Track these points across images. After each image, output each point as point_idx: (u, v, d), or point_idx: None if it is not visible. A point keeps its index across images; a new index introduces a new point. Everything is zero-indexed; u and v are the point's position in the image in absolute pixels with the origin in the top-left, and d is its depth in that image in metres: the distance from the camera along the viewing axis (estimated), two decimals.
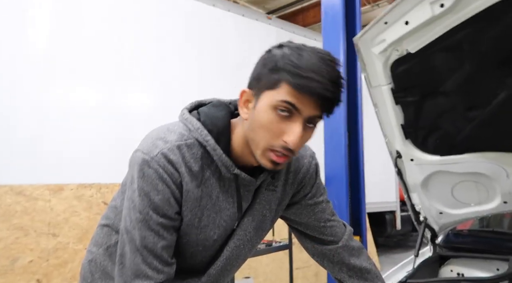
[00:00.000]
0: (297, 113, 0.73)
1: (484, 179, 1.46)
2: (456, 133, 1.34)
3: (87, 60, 3.37)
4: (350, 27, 2.73)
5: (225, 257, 0.90)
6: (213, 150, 0.80)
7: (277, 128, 0.74)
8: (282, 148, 0.75)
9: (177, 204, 0.81)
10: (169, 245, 0.82)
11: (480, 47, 1.11)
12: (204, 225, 0.84)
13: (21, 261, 2.86)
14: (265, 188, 0.90)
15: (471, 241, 1.92)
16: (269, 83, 0.74)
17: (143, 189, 0.78)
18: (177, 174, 0.78)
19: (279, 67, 0.73)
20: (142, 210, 0.79)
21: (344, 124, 2.60)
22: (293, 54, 0.73)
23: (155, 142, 0.79)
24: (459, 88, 1.22)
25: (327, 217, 1.01)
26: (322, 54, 0.74)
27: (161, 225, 0.79)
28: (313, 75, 0.71)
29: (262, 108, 0.75)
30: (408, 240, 7.94)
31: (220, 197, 0.84)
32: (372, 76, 1.34)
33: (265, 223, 0.93)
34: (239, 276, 3.22)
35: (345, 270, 1.03)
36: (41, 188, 3.01)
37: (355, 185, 2.82)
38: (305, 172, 0.97)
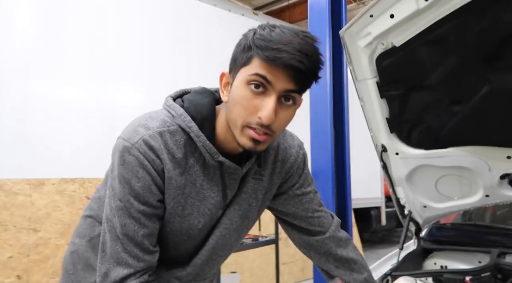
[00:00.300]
0: (270, 87, 0.72)
1: (467, 173, 1.48)
2: (440, 127, 1.35)
3: (73, 56, 3.31)
4: (336, 24, 2.73)
5: (211, 246, 0.89)
6: (196, 137, 0.79)
7: (252, 104, 0.73)
8: (259, 125, 0.73)
9: (159, 192, 0.79)
10: (150, 233, 0.80)
11: (464, 41, 1.12)
12: (188, 213, 0.83)
13: (0, 257, 2.79)
14: (251, 177, 0.89)
15: (454, 235, 1.95)
16: (242, 61, 0.74)
17: (124, 176, 0.76)
18: (158, 161, 0.77)
19: (250, 44, 0.73)
20: (123, 198, 0.77)
21: (330, 119, 2.61)
22: (266, 30, 0.73)
23: (137, 129, 0.78)
24: (443, 82, 1.23)
25: (314, 208, 1.01)
26: (296, 30, 0.73)
27: (142, 213, 0.78)
28: (283, 47, 0.70)
29: (237, 85, 0.74)
30: (393, 235, 8.05)
31: (204, 185, 0.83)
32: (358, 69, 1.33)
33: (251, 212, 0.92)
34: (225, 271, 3.21)
35: (331, 261, 1.03)
36: (21, 183, 2.94)
37: (341, 181, 2.83)
38: (293, 162, 0.96)
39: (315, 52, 0.73)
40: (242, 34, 0.78)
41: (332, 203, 2.61)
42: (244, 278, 4.00)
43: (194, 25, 4.09)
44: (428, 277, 1.49)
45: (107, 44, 3.50)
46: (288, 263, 4.51)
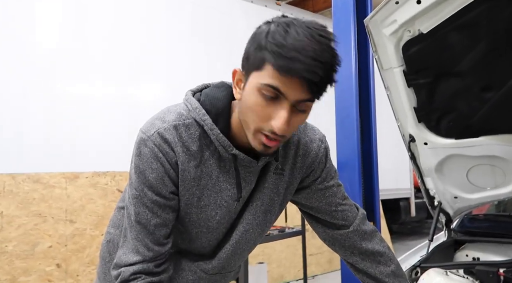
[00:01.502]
0: (283, 97, 0.70)
1: (500, 162, 1.43)
2: (471, 115, 1.31)
3: (101, 53, 3.41)
4: (361, 11, 2.67)
5: (235, 241, 0.91)
6: (210, 130, 0.80)
7: (264, 112, 0.71)
8: (271, 132, 0.72)
9: (172, 183, 0.81)
10: (162, 224, 0.82)
11: (495, 25, 1.07)
12: (205, 205, 0.84)
13: (41, 246, 2.95)
14: (273, 172, 0.90)
15: (487, 226, 1.89)
16: (254, 63, 0.71)
17: (139, 167, 0.80)
18: (172, 154, 0.79)
19: (263, 46, 0.69)
20: (138, 187, 0.81)
21: (356, 108, 2.57)
22: (279, 30, 0.68)
23: (154, 122, 0.80)
24: (473, 69, 1.19)
25: (338, 201, 1.00)
26: (312, 30, 0.68)
27: (155, 203, 0.81)
28: (297, 55, 0.65)
29: (249, 90, 0.72)
30: (423, 227, 7.88)
31: (220, 178, 0.84)
32: (384, 58, 1.31)
33: (273, 206, 0.93)
34: (252, 262, 3.26)
35: (357, 254, 1.02)
36: (57, 176, 3.09)
37: (368, 172, 2.80)
38: (314, 157, 0.95)
39: (331, 56, 0.69)
40: (257, 27, 0.75)
41: (359, 194, 2.59)
42: (271, 269, 4.04)
43: (216, 17, 4.10)
44: (460, 269, 1.46)
45: (129, 41, 3.57)
46: (315, 254, 4.51)
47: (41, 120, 3.11)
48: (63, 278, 3.00)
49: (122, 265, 0.82)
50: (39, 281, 2.91)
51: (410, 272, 1.50)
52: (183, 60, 3.81)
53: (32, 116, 3.08)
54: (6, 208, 2.89)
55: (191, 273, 0.93)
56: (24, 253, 2.89)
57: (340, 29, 2.66)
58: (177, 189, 0.82)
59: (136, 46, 3.60)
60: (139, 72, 3.61)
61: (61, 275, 2.99)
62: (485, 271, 1.35)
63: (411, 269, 1.51)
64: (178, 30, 3.87)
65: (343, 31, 2.63)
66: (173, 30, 3.83)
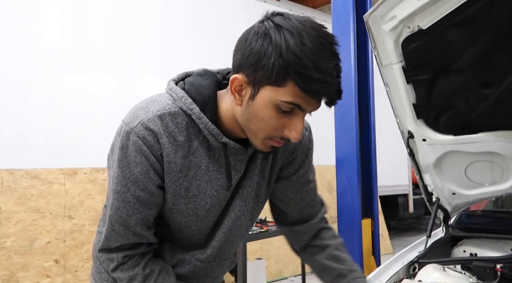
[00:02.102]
0: (300, 110, 0.73)
1: (498, 159, 1.43)
2: (470, 111, 1.31)
3: (100, 49, 3.39)
4: (360, 7, 2.67)
5: (227, 228, 0.91)
6: (198, 119, 0.78)
7: (278, 123, 0.73)
8: (282, 139, 0.76)
9: (158, 177, 0.80)
10: (143, 218, 0.82)
11: (496, 21, 1.07)
12: (193, 195, 0.83)
13: (39, 242, 2.96)
14: (260, 158, 0.90)
15: (485, 222, 1.90)
16: (271, 77, 0.69)
17: (123, 160, 0.78)
18: (157, 146, 0.77)
19: (285, 63, 0.67)
20: (120, 182, 0.79)
21: (355, 105, 2.57)
22: (297, 44, 0.67)
23: (137, 112, 0.78)
24: (473, 65, 1.19)
25: (311, 197, 1.02)
26: (323, 39, 0.70)
27: (138, 198, 0.80)
28: (323, 76, 0.68)
29: (263, 104, 0.72)
30: (421, 223, 7.91)
31: (210, 167, 0.83)
32: (383, 54, 1.30)
33: (260, 190, 0.93)
34: (251, 257, 3.27)
35: (310, 247, 1.04)
36: (55, 172, 3.09)
37: (367, 168, 2.81)
38: (297, 143, 0.95)
39: (340, 65, 0.73)
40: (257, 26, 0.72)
41: (358, 190, 2.60)
42: (269, 264, 4.06)
43: (216, 12, 4.09)
44: (457, 265, 1.46)
45: (129, 38, 3.56)
46: None
47: (40, 116, 3.10)
48: (62, 274, 3.00)
49: (106, 258, 0.86)
50: (37, 276, 2.92)
51: (408, 267, 1.51)
52: (184, 56, 3.80)
53: (31, 112, 3.08)
54: (5, 204, 2.89)
55: (186, 263, 0.93)
56: (23, 248, 2.90)
57: (340, 25, 2.65)
58: (162, 182, 0.81)
59: (136, 42, 3.59)
60: (139, 69, 3.60)
61: (59, 270, 3.00)
62: (483, 267, 1.36)
63: (409, 265, 1.51)
64: (179, 26, 3.86)
65: (343, 27, 2.63)
66: (174, 27, 3.82)
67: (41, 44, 3.17)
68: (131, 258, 0.85)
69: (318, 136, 4.46)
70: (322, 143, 4.57)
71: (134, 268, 0.85)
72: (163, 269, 0.88)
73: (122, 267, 0.85)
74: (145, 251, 0.87)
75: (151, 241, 0.87)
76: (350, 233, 2.57)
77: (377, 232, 2.78)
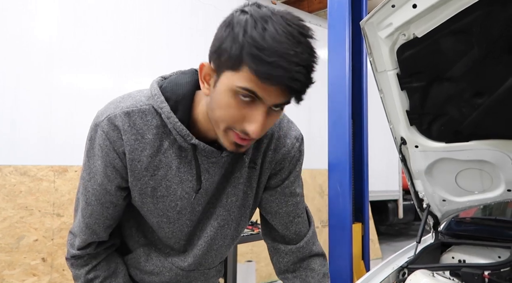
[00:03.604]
0: (260, 101, 0.66)
1: (488, 167, 1.46)
2: (462, 119, 1.33)
3: (94, 46, 3.36)
4: (356, 13, 2.69)
5: (209, 237, 0.89)
6: (167, 118, 0.75)
7: (238, 113, 0.67)
8: (243, 132, 0.69)
9: (117, 175, 0.79)
10: (99, 213, 0.83)
11: (489, 31, 1.09)
12: (162, 195, 0.81)
13: (26, 240, 2.91)
14: (248, 166, 0.87)
15: (474, 229, 1.92)
16: (229, 62, 0.65)
17: (90, 151, 0.80)
18: (120, 142, 0.76)
19: (240, 44, 0.63)
20: (86, 170, 0.81)
21: (348, 110, 2.59)
22: (257, 26, 0.62)
23: (108, 106, 0.79)
24: (466, 74, 1.20)
25: (297, 212, 0.95)
26: (292, 27, 0.63)
27: (95, 191, 0.81)
28: (278, 60, 0.60)
29: (222, 90, 0.67)
30: (410, 229, 7.97)
31: (181, 168, 0.80)
32: (378, 61, 1.32)
33: (247, 200, 0.91)
34: (241, 260, 3.26)
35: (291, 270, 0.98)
36: (45, 169, 3.05)
37: (359, 173, 2.82)
38: (286, 153, 0.89)
39: (311, 56, 0.64)
40: (230, 14, 0.68)
41: (349, 195, 2.61)
42: (260, 267, 4.05)
43: (212, 14, 4.09)
44: (446, 271, 1.48)
45: (127, 36, 3.54)
46: None
47: (31, 112, 3.06)
48: (48, 272, 2.96)
49: (68, 241, 0.88)
50: (23, 275, 2.87)
51: (398, 273, 1.52)
52: (181, 55, 3.79)
53: (23, 108, 3.04)
54: None
55: (166, 270, 0.91)
56: (9, 246, 2.85)
57: (335, 31, 2.67)
58: (125, 181, 0.80)
59: (133, 41, 3.57)
60: (134, 67, 3.57)
61: (46, 269, 2.95)
62: (471, 273, 1.37)
63: (398, 270, 1.52)
64: (177, 25, 3.85)
65: (338, 33, 2.65)
66: (172, 25, 3.81)
67: (34, 41, 3.14)
68: (80, 257, 0.86)
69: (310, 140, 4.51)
70: (315, 147, 4.60)
71: (80, 268, 0.87)
72: (109, 277, 0.88)
73: (73, 261, 0.87)
74: (94, 252, 0.86)
75: (102, 238, 0.86)
76: (341, 237, 2.58)
77: (367, 236, 2.79)
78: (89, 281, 0.86)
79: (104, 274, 0.88)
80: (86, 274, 0.86)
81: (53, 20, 3.24)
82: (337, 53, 2.65)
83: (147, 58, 3.61)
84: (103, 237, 0.86)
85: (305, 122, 4.49)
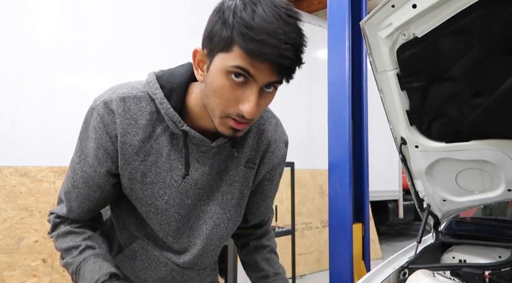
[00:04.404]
0: (252, 79, 0.68)
1: (489, 167, 1.45)
2: (462, 119, 1.33)
3: (94, 46, 3.37)
4: (356, 13, 2.69)
5: (206, 236, 0.90)
6: (160, 104, 0.78)
7: (232, 95, 0.69)
8: (239, 116, 0.71)
9: (107, 159, 0.80)
10: (85, 197, 0.84)
11: (489, 31, 1.09)
12: (151, 182, 0.82)
13: (27, 241, 2.91)
14: (244, 166, 0.89)
15: (474, 229, 1.92)
16: (221, 43, 0.67)
17: (83, 133, 0.82)
18: (113, 125, 0.78)
19: (230, 25, 0.66)
20: (77, 152, 0.83)
21: (348, 110, 2.59)
22: (246, 8, 0.65)
23: (105, 92, 0.81)
24: (466, 74, 1.20)
25: (270, 205, 1.04)
26: (279, 9, 0.66)
27: (84, 173, 0.82)
28: (268, 38, 0.63)
29: (215, 72, 0.69)
30: (410, 229, 7.98)
31: (171, 155, 0.82)
32: (378, 61, 1.31)
33: (243, 200, 0.93)
34: None
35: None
36: (45, 170, 3.05)
37: (359, 173, 2.82)
38: (281, 158, 0.96)
39: (301, 37, 0.67)
40: (221, 1, 0.71)
41: (349, 195, 2.61)
42: None
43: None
44: (446, 271, 1.48)
45: (127, 35, 3.54)
46: (304, 254, 4.53)
47: (31, 112, 3.07)
48: (49, 273, 2.96)
49: (53, 212, 0.89)
50: (24, 276, 2.87)
51: (398, 273, 1.52)
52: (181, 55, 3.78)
53: (23, 109, 3.04)
54: None
55: (162, 265, 0.91)
56: (9, 247, 2.85)
57: (335, 30, 2.67)
58: (115, 167, 0.81)
59: (134, 40, 3.57)
60: (135, 67, 3.58)
61: (46, 270, 2.95)
62: (471, 273, 1.37)
63: (399, 270, 1.52)
64: (177, 25, 3.86)
65: (338, 33, 2.65)
66: (172, 25, 3.82)
67: (34, 41, 3.14)
68: (65, 221, 0.87)
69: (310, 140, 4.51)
70: (315, 147, 4.61)
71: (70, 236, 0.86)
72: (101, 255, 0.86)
73: (58, 230, 0.87)
74: (78, 224, 0.88)
75: (86, 220, 0.88)
76: (341, 237, 2.58)
77: (367, 237, 2.79)
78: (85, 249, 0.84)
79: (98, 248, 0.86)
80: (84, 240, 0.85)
81: (53, 20, 3.24)
82: (337, 53, 2.65)
83: (147, 58, 3.62)
84: (89, 216, 0.88)
85: (305, 122, 4.51)
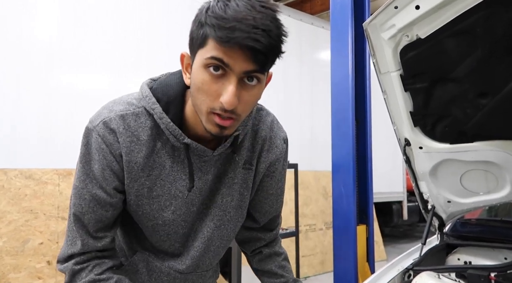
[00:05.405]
0: (229, 69, 0.67)
1: (493, 168, 1.45)
2: (466, 120, 1.32)
3: (94, 46, 3.38)
4: (359, 15, 2.69)
5: (206, 238, 0.90)
6: (159, 119, 0.78)
7: (213, 89, 0.69)
8: (222, 110, 0.70)
9: (114, 178, 0.79)
10: (98, 219, 0.81)
11: (493, 32, 1.09)
12: (157, 195, 0.83)
13: (32, 243, 2.93)
14: (242, 167, 0.89)
15: (479, 230, 1.91)
16: (198, 41, 0.69)
17: (85, 156, 0.79)
18: (117, 145, 0.77)
19: (203, 22, 0.67)
20: (79, 177, 0.80)
21: (352, 111, 2.59)
22: (219, 5, 0.66)
23: (101, 112, 0.80)
24: (470, 75, 1.20)
25: (280, 208, 1.04)
26: (253, 1, 0.66)
27: (94, 196, 0.79)
28: (237, 24, 0.64)
29: (196, 70, 0.70)
30: (415, 230, 7.94)
31: (174, 168, 0.82)
32: (381, 62, 1.31)
33: (244, 201, 0.93)
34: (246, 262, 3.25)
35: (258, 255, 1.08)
36: (50, 172, 3.06)
37: (363, 174, 2.82)
38: (279, 154, 0.95)
39: (275, 25, 0.67)
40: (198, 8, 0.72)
41: (353, 196, 2.60)
42: None
43: None
44: (452, 273, 1.47)
45: (127, 36, 3.55)
46: (308, 256, 4.52)
47: (35, 115, 3.08)
48: (53, 276, 2.97)
49: (62, 260, 0.82)
50: (29, 278, 2.88)
51: (403, 274, 1.51)
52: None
53: (26, 111, 3.06)
54: None
55: (164, 275, 0.91)
56: (14, 249, 2.87)
57: (338, 32, 2.67)
58: (121, 184, 0.80)
59: (134, 40, 3.58)
60: (135, 67, 3.59)
61: (51, 272, 2.97)
62: (477, 275, 1.37)
63: (404, 272, 1.52)
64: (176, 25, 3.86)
65: (341, 34, 2.65)
66: (171, 25, 3.82)
67: (34, 41, 3.16)
68: (83, 269, 0.82)
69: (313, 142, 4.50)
70: (318, 149, 4.60)
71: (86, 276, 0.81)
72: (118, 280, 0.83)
73: (76, 276, 0.81)
74: (95, 257, 0.83)
75: (105, 244, 0.84)
76: (345, 239, 2.57)
77: (372, 238, 2.78)
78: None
79: (113, 280, 0.83)
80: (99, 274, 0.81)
81: (53, 20, 3.25)
82: (340, 54, 2.65)
83: (147, 58, 3.62)
84: (105, 242, 0.84)
85: (309, 124, 4.50)
